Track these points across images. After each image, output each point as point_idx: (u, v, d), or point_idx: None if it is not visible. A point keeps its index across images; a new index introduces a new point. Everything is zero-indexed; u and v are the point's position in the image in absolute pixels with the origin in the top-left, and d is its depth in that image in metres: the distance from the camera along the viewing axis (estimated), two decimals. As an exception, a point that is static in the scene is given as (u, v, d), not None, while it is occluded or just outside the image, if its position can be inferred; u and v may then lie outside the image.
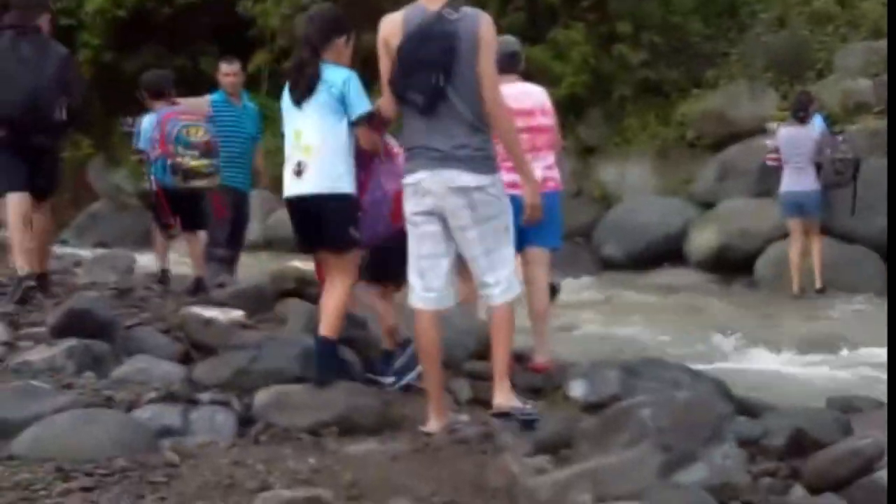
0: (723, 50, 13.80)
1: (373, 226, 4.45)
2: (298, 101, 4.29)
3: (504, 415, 4.03)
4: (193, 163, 6.57)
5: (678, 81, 13.61)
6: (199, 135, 6.59)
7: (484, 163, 4.00)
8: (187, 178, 6.59)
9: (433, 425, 4.04)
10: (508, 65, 5.06)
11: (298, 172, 4.25)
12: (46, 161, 5.97)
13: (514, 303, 4.14)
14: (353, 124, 4.27)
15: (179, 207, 6.87)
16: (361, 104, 4.27)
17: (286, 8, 15.84)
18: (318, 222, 4.30)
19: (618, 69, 13.43)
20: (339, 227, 4.26)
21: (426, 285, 4.06)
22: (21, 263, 5.69)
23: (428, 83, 3.90)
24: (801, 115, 9.89)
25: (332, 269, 4.40)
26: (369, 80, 4.41)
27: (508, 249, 4.14)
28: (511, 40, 5.37)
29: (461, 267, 4.24)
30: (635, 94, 13.61)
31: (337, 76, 4.28)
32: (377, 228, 4.46)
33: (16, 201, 5.77)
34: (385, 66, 4.05)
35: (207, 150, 6.60)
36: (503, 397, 4.07)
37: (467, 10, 4.01)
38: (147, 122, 6.96)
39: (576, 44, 13.14)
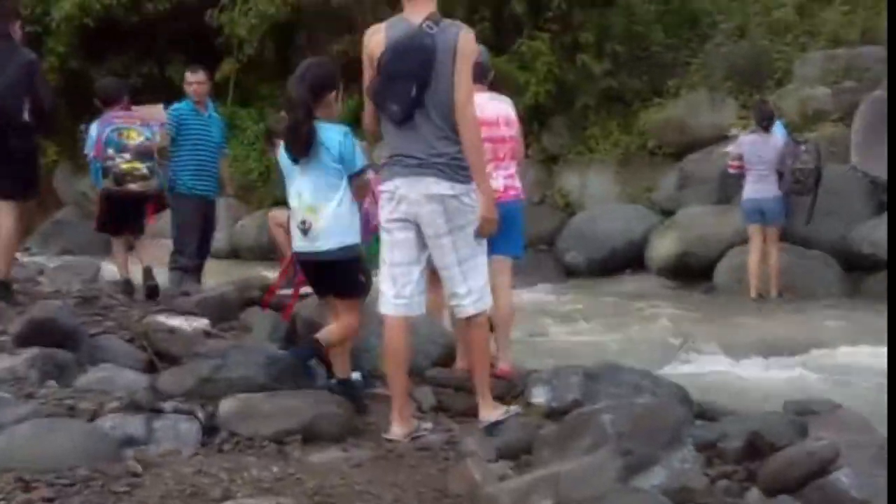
0: (684, 59, 13.96)
1: None
2: (296, 160, 4.33)
3: (495, 425, 4.09)
4: (125, 165, 6.61)
5: (640, 91, 13.75)
6: (133, 137, 6.61)
7: (460, 172, 4.07)
8: (119, 181, 6.61)
9: (396, 431, 4.09)
10: (476, 75, 5.11)
11: (304, 231, 4.33)
12: (14, 164, 5.99)
13: (486, 319, 4.22)
14: (350, 178, 4.32)
15: (117, 210, 6.86)
16: (359, 160, 4.33)
17: (253, 17, 15.85)
18: (327, 273, 4.40)
19: (581, 79, 13.55)
20: (348, 277, 4.36)
21: (397, 292, 4.12)
22: None
23: (404, 94, 3.99)
24: (764, 123, 10.04)
25: (338, 310, 4.49)
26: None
27: (482, 259, 4.20)
28: (484, 53, 5.44)
29: (429, 276, 4.29)
30: (598, 104, 13.73)
31: (333, 137, 4.28)
32: None
33: None
34: (369, 77, 4.12)
35: (141, 153, 6.60)
36: (488, 412, 4.17)
37: (447, 22, 4.10)
38: (94, 127, 6.93)
39: (540, 54, 13.24)
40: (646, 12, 14.23)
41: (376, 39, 4.12)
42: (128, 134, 6.68)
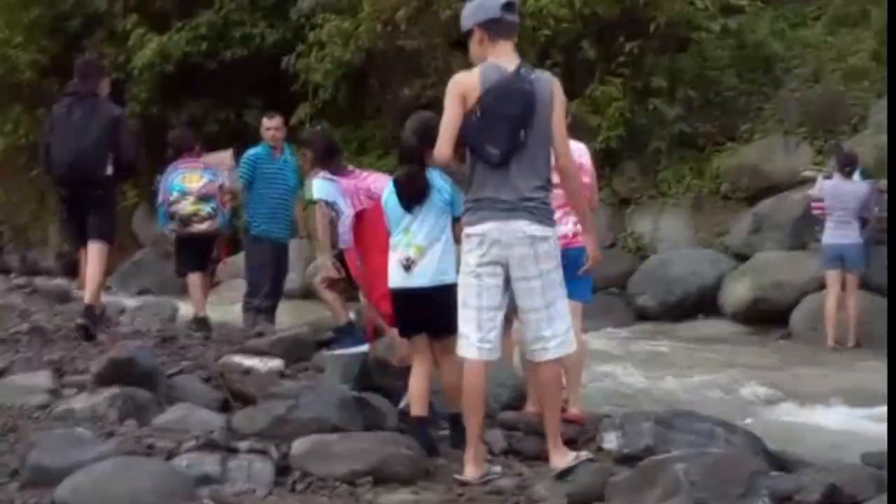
0: (757, 104, 13.83)
1: None
2: (409, 207, 4.55)
3: (566, 472, 4.07)
4: (189, 207, 7.05)
5: (713, 135, 13.65)
6: (195, 181, 7.02)
7: (547, 216, 4.17)
8: (185, 222, 7.05)
9: (470, 472, 4.12)
10: None
11: (407, 267, 4.52)
12: (96, 213, 6.55)
13: (560, 365, 4.25)
14: (454, 220, 4.53)
15: (187, 251, 7.29)
16: (460, 204, 4.46)
17: (328, 63, 16.15)
18: (426, 311, 4.55)
19: (653, 122, 13.52)
20: (447, 314, 4.39)
21: (483, 336, 4.15)
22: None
23: (509, 137, 4.09)
24: (847, 169, 9.93)
25: (437, 351, 4.62)
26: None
27: (564, 303, 4.24)
28: None
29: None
30: (670, 147, 13.66)
31: (445, 182, 4.56)
32: None
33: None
34: (455, 117, 4.16)
35: (203, 196, 7.01)
36: (560, 458, 4.14)
37: (540, 71, 4.27)
38: (163, 176, 7.42)
39: (612, 98, 13.26)
40: (718, 57, 14.16)
41: (471, 81, 4.19)
42: (190, 178, 7.09)
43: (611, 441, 4.52)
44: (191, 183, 7.13)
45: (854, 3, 14.47)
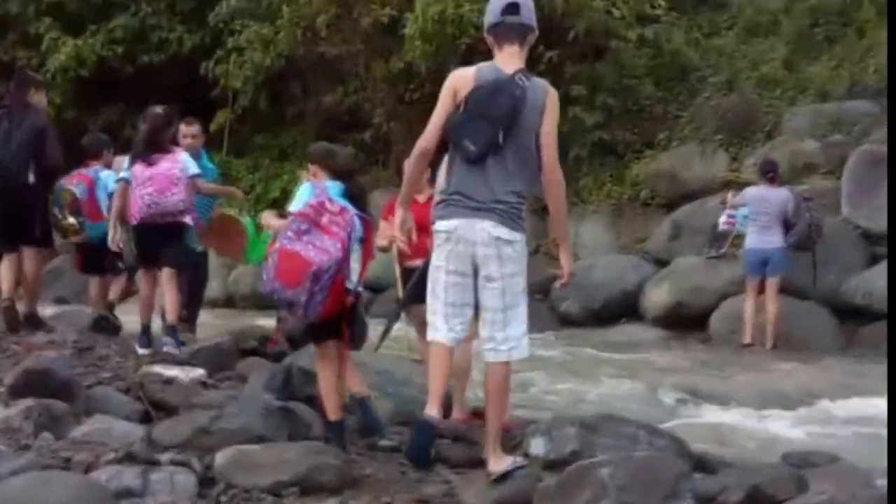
0: (674, 112, 14.11)
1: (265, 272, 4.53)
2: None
3: (504, 476, 4.06)
4: (65, 222, 7.43)
5: (631, 143, 13.87)
6: (67, 196, 7.36)
7: (516, 220, 4.18)
8: (64, 235, 7.55)
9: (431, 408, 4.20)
10: None
11: None
12: (27, 217, 6.98)
13: (508, 367, 4.23)
14: None
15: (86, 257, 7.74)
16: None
17: (248, 69, 16.00)
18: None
19: (573, 130, 13.65)
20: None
21: (451, 327, 4.21)
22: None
23: (486, 135, 4.10)
24: (770, 175, 10.14)
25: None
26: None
27: (523, 309, 4.25)
28: None
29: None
30: (590, 154, 13.83)
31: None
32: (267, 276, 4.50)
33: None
34: (444, 109, 4.19)
35: (74, 210, 7.35)
36: (497, 462, 4.13)
37: (537, 80, 4.25)
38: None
39: (532, 106, 13.36)
40: (636, 65, 14.39)
41: (465, 77, 4.22)
42: (64, 194, 7.36)
43: (538, 447, 4.54)
44: (64, 199, 7.40)
45: (764, 13, 14.88)
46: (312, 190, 4.75)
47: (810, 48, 13.97)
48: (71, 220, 7.37)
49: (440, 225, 4.22)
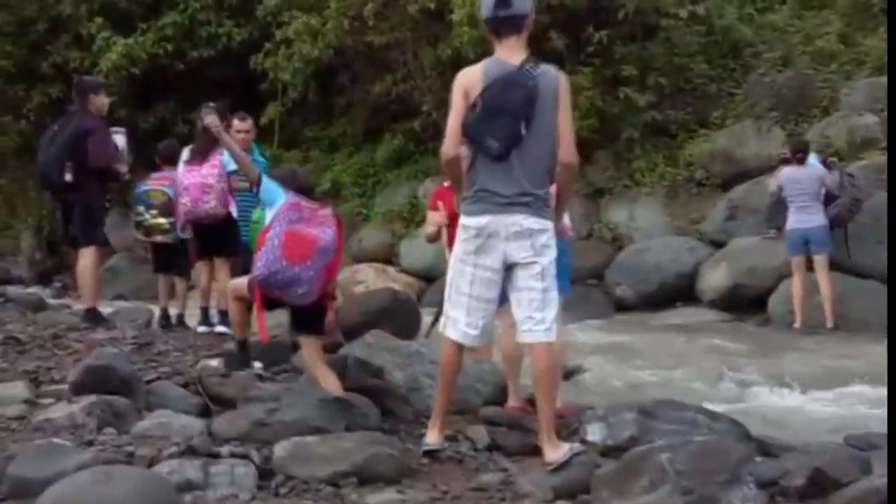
0: (728, 90, 13.91)
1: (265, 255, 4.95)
2: None
3: (562, 466, 4.05)
4: (151, 221, 7.89)
5: (685, 122, 13.71)
6: (158, 197, 7.85)
7: (544, 209, 4.22)
8: (147, 233, 8.02)
9: (431, 438, 4.32)
10: None
11: None
12: (73, 215, 7.36)
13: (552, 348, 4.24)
14: None
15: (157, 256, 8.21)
16: None
17: (297, 61, 16.06)
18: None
19: (625, 112, 13.54)
20: None
21: (472, 322, 4.25)
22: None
23: (509, 130, 4.11)
24: (798, 155, 10.05)
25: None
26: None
27: (555, 293, 4.28)
28: None
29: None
30: (643, 136, 13.70)
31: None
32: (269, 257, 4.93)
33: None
34: (459, 113, 4.20)
35: (164, 211, 7.82)
36: (553, 451, 4.12)
37: (545, 66, 4.24)
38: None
39: (582, 88, 13.26)
40: (687, 44, 14.21)
41: (473, 75, 4.22)
42: (154, 195, 7.89)
43: (594, 433, 4.51)
44: (154, 199, 7.87)
45: (820, -14, 14.60)
46: (278, 192, 5.16)
47: (866, 20, 13.68)
48: (161, 220, 7.83)
49: (469, 221, 4.24)
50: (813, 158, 10.22)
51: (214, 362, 5.49)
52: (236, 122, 8.16)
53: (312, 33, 15.78)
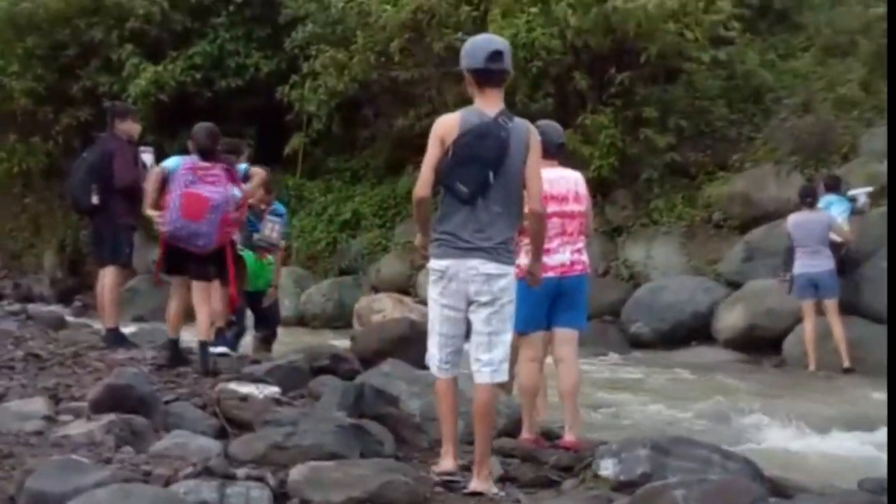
0: (748, 134, 13.96)
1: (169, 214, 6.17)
2: None
3: (477, 493, 4.21)
4: None
5: (704, 164, 13.76)
6: None
7: (506, 255, 4.36)
8: None
9: (445, 465, 4.42)
10: (555, 153, 5.31)
11: None
12: (99, 236, 7.78)
13: (497, 389, 4.47)
14: None
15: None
16: None
17: (322, 94, 16.25)
18: None
19: (645, 152, 13.61)
20: None
21: (443, 358, 4.44)
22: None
23: (478, 177, 4.28)
24: (808, 200, 10.12)
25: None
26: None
27: (508, 336, 4.42)
28: (561, 131, 5.62)
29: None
30: (662, 176, 13.76)
31: None
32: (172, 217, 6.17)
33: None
34: (433, 157, 4.37)
35: None
36: (481, 484, 4.26)
37: (518, 119, 4.41)
38: None
39: (603, 128, 13.36)
40: (709, 87, 14.30)
41: (450, 123, 4.37)
42: None
43: (607, 468, 4.52)
44: None
45: (842, 34, 14.63)
46: (179, 160, 6.44)
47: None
48: None
49: (433, 264, 4.43)
50: (839, 202, 10.30)
51: (233, 385, 5.54)
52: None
53: (339, 67, 15.97)
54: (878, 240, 10.47)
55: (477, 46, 4.40)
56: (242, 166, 7.23)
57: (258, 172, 7.49)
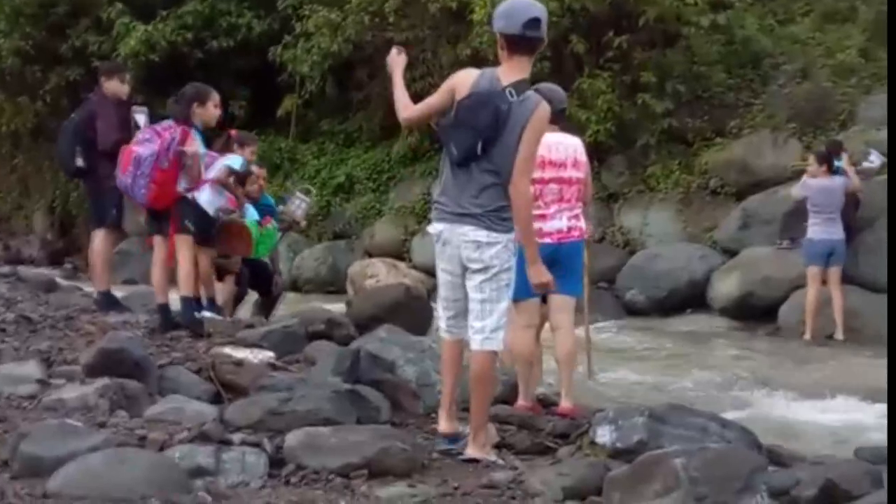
0: (746, 100, 13.87)
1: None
2: None
3: (473, 460, 4.22)
4: None
5: (701, 130, 13.68)
6: None
7: (498, 223, 4.27)
8: None
9: (443, 426, 4.45)
10: (556, 118, 5.20)
11: None
12: (90, 198, 7.74)
13: (494, 357, 4.41)
14: None
15: None
16: None
17: (315, 55, 16.08)
18: None
19: (642, 118, 13.52)
20: None
21: (447, 320, 4.48)
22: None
23: (468, 143, 4.22)
24: (828, 165, 9.99)
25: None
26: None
27: (503, 304, 4.36)
28: (563, 96, 5.53)
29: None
30: (659, 142, 13.68)
31: None
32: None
33: None
34: (435, 100, 4.39)
35: None
36: (476, 450, 4.29)
37: (530, 94, 4.27)
38: None
39: (601, 93, 13.26)
40: (707, 53, 14.18)
41: (464, 81, 4.29)
42: None
43: (604, 435, 4.49)
44: None
45: (842, 0, 14.53)
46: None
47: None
48: None
49: (431, 228, 4.45)
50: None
51: (227, 350, 5.50)
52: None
53: (332, 27, 15.80)
54: (878, 208, 10.45)
55: (516, 10, 4.23)
56: (239, 159, 7.08)
57: (260, 175, 7.69)
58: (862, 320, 9.79)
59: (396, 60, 4.71)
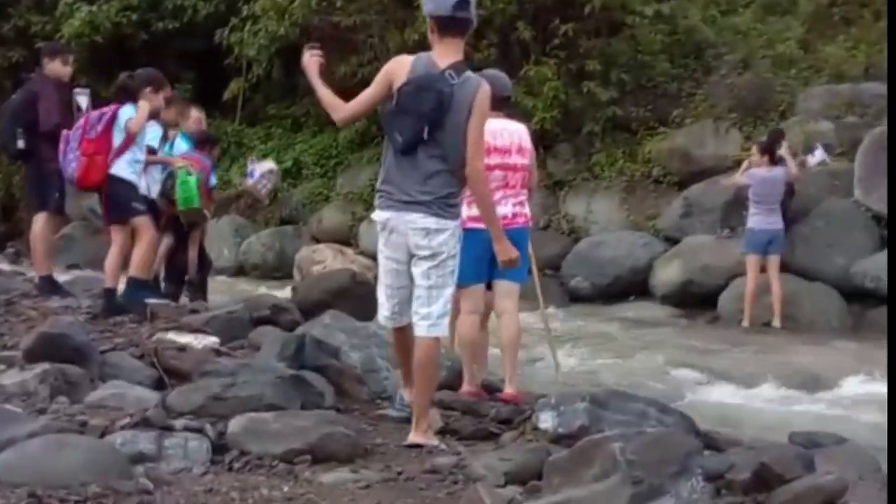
0: (689, 90, 14.05)
1: None
2: None
3: (416, 445, 4.28)
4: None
5: (645, 119, 13.83)
6: None
7: (446, 209, 4.30)
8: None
9: (409, 396, 4.57)
10: (501, 104, 5.24)
11: None
12: (29, 182, 7.65)
13: (439, 343, 4.48)
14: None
15: None
16: None
17: (262, 38, 15.93)
18: None
19: (587, 106, 13.63)
20: None
21: (391, 308, 4.49)
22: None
23: (413, 128, 4.22)
24: (771, 156, 10.17)
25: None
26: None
27: (448, 290, 4.42)
28: (508, 83, 5.55)
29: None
30: (604, 131, 13.81)
31: None
32: None
33: None
34: (370, 94, 4.38)
35: None
36: (419, 436, 4.34)
37: (470, 75, 4.30)
38: None
39: (547, 80, 13.33)
40: (651, 42, 14.32)
41: (400, 68, 4.29)
42: None
43: (546, 421, 4.55)
44: None
45: (783, -8, 14.80)
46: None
47: (827, 28, 13.91)
48: None
49: (375, 216, 4.45)
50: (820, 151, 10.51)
51: (171, 335, 5.46)
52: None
53: (279, 10, 15.64)
54: (813, 199, 10.69)
55: None
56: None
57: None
58: (798, 308, 10.01)
59: (310, 62, 4.63)
